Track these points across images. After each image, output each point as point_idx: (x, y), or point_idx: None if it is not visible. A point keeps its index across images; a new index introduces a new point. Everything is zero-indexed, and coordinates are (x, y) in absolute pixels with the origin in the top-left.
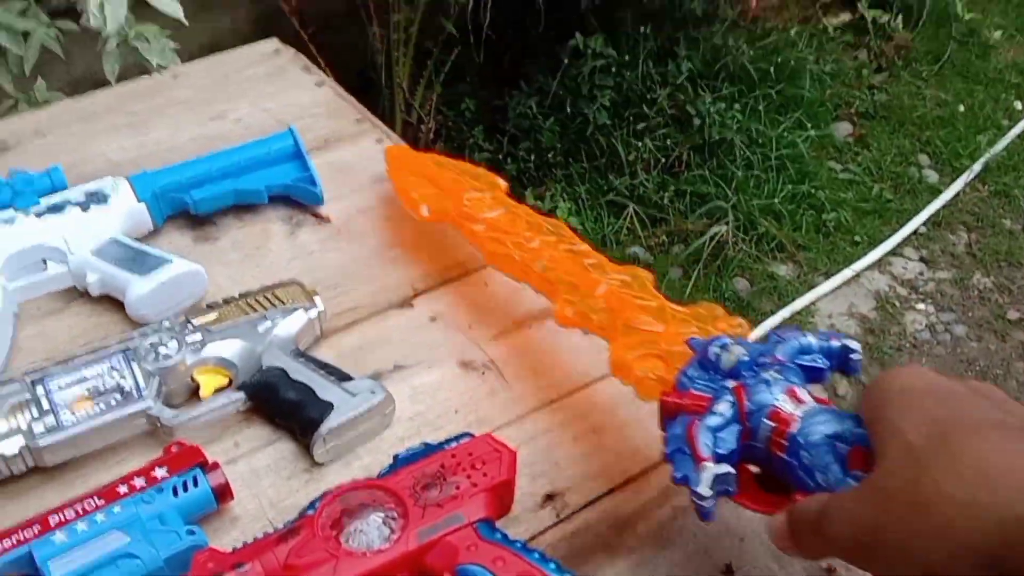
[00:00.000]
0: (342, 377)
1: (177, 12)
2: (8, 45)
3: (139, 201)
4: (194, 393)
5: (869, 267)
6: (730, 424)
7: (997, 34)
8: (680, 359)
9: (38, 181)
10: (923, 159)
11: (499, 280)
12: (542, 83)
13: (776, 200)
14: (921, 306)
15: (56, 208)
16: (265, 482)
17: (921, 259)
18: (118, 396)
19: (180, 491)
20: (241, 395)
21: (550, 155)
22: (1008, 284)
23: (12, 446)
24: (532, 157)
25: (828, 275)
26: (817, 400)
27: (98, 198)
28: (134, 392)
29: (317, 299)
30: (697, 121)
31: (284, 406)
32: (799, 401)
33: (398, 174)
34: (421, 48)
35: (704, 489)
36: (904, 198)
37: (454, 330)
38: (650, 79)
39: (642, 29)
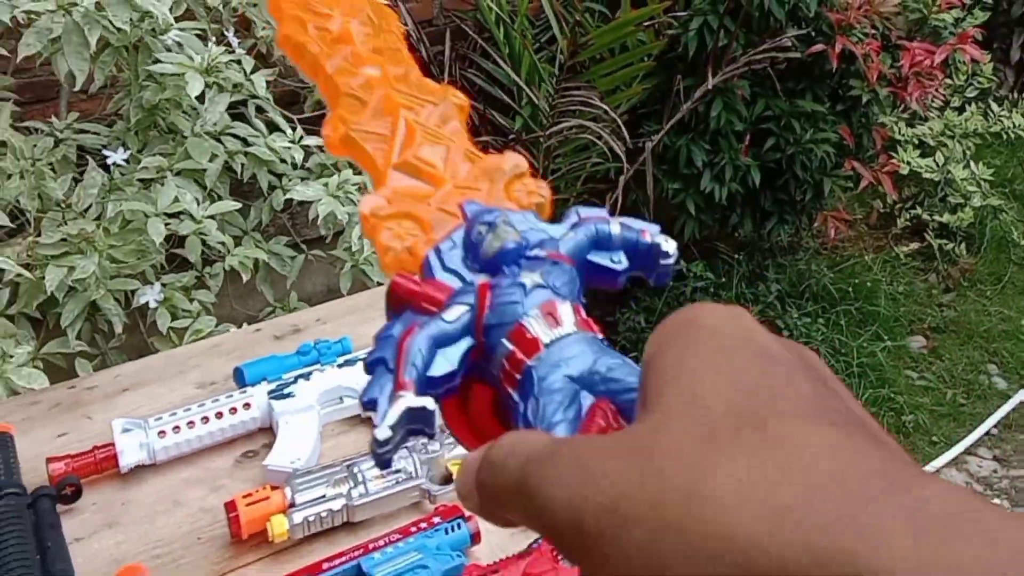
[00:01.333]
0: None
1: None
2: (276, 267)
3: None
4: (447, 478)
5: (946, 465)
6: (462, 337)
7: None
8: (445, 226)
9: (334, 346)
10: (992, 368)
11: None
12: (648, 302)
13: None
14: (997, 501)
15: (350, 362)
16: (492, 537)
17: (995, 458)
18: (403, 475)
19: (449, 531)
20: None
21: None
22: None
23: (338, 503)
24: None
25: None
26: (583, 324)
27: None
28: (413, 473)
29: None
30: (786, 333)
31: None
32: (555, 322)
33: None
34: None
35: (382, 429)
36: (976, 403)
37: None
38: (743, 297)
39: (736, 256)
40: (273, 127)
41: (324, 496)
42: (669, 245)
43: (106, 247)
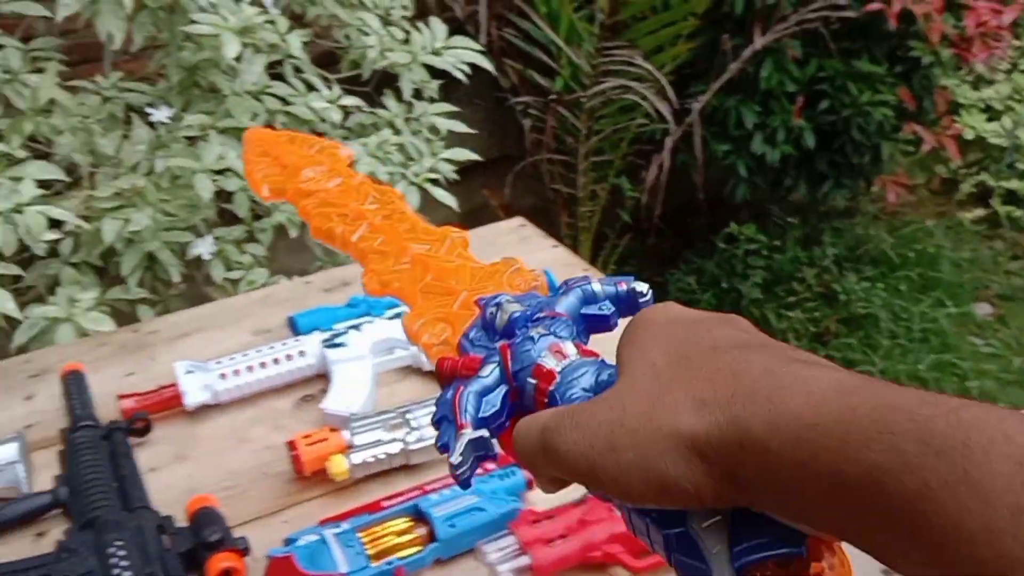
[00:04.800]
0: None
1: (452, 203)
2: None
3: None
4: None
5: None
6: (498, 386)
7: None
8: (468, 320)
9: (383, 299)
10: None
11: None
12: (699, 264)
13: (921, 367)
14: None
15: (399, 315)
16: None
17: None
18: None
19: (504, 479)
20: None
21: None
22: None
23: (395, 447)
24: None
25: None
26: (584, 352)
27: None
28: None
29: None
30: (843, 297)
31: None
32: (562, 356)
33: (250, 157)
34: (600, 234)
35: (455, 456)
36: None
37: None
38: (798, 261)
39: (789, 220)
40: (310, 87)
41: (380, 440)
42: (641, 287)
43: (157, 201)
